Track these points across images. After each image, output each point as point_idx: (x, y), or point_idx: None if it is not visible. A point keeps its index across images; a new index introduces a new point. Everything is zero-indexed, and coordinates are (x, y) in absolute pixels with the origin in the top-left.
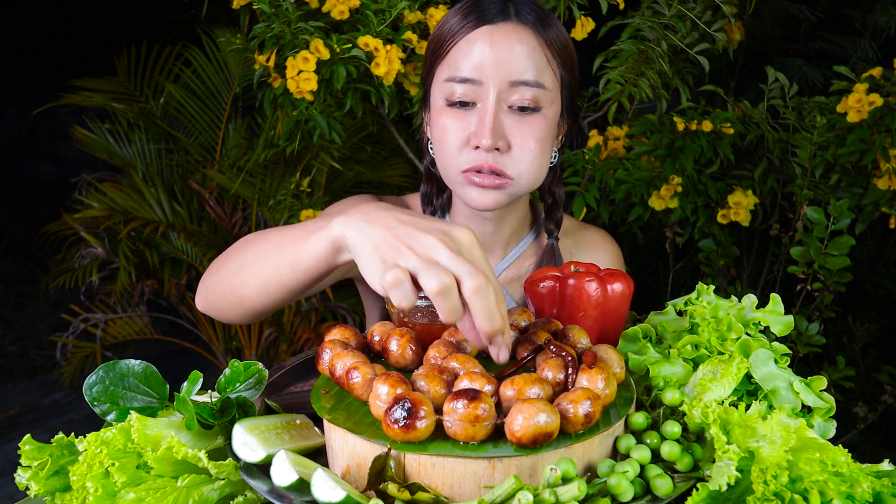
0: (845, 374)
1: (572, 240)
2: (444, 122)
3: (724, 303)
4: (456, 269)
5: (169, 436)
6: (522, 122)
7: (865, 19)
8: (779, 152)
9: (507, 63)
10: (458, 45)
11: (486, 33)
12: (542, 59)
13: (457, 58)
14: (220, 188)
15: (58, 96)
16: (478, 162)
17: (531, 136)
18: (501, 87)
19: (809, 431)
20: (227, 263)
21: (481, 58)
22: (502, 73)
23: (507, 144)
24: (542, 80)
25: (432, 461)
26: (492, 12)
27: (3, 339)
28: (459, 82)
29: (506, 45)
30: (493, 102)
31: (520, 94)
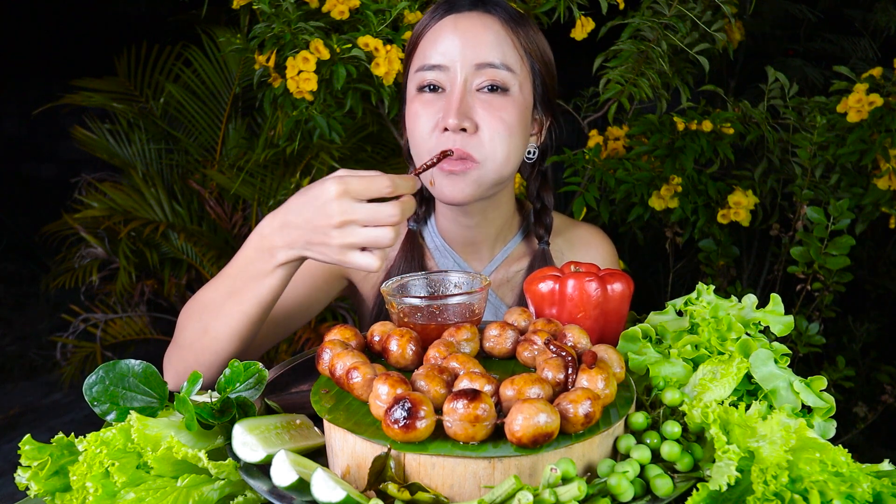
0: (845, 374)
1: (563, 238)
2: (416, 108)
3: (724, 303)
4: (361, 215)
5: (169, 436)
6: (490, 103)
7: (865, 19)
8: (779, 152)
9: (473, 46)
10: (427, 36)
11: (451, 21)
12: (508, 45)
13: (426, 48)
14: (220, 188)
15: (58, 96)
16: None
17: (498, 117)
18: (468, 69)
19: (809, 431)
20: (184, 334)
21: (447, 43)
22: (469, 56)
23: (474, 125)
24: (509, 63)
25: (432, 461)
26: (460, 4)
27: (3, 339)
28: (429, 69)
29: (471, 31)
30: (461, 84)
31: (487, 76)
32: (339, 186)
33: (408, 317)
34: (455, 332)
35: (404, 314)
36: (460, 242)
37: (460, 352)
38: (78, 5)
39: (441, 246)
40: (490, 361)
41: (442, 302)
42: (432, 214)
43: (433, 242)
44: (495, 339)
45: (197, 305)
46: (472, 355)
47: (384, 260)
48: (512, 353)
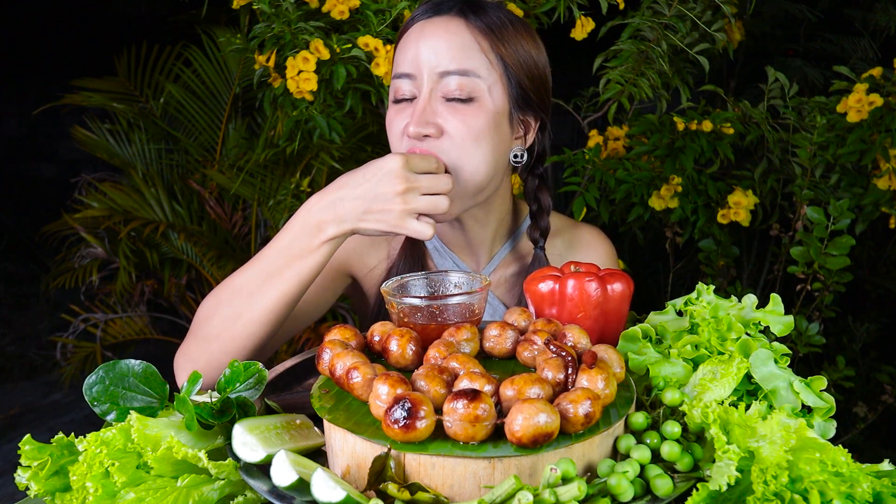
0: (845, 374)
1: (563, 240)
2: (390, 116)
3: (724, 303)
4: (423, 183)
5: (169, 436)
6: (456, 110)
7: (865, 19)
8: (779, 152)
9: (435, 54)
10: (400, 43)
11: (418, 29)
12: (475, 49)
13: (398, 55)
14: (220, 188)
15: (58, 96)
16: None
17: (463, 122)
18: (432, 77)
19: (809, 431)
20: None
21: (414, 52)
22: (432, 64)
23: (438, 130)
24: (471, 68)
25: (432, 461)
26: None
27: (3, 339)
28: (400, 78)
29: (433, 37)
30: (427, 93)
31: (453, 84)
32: (402, 159)
33: (408, 317)
34: (455, 332)
35: (404, 314)
36: (457, 245)
37: (460, 352)
38: (78, 5)
39: (440, 248)
40: (490, 361)
41: (442, 302)
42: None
43: (432, 244)
44: (495, 339)
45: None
46: (472, 355)
47: (435, 229)
48: (512, 353)
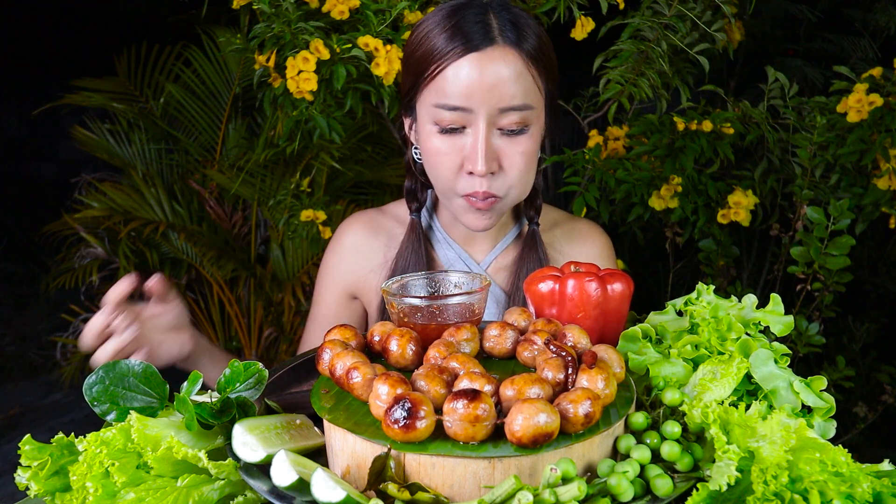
0: (845, 374)
1: (562, 230)
2: (436, 145)
3: (724, 303)
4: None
5: (169, 436)
6: (512, 142)
7: (865, 19)
8: (779, 152)
9: (497, 91)
10: (446, 73)
11: (474, 61)
12: (528, 81)
13: (444, 85)
14: (220, 188)
15: (58, 96)
16: (474, 188)
17: (520, 154)
18: (491, 112)
19: (809, 431)
20: None
21: (470, 87)
22: (493, 101)
23: (498, 166)
24: (530, 101)
25: (432, 461)
26: (477, 37)
27: (3, 339)
28: (450, 110)
29: (494, 73)
30: (485, 129)
31: (509, 119)
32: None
33: (408, 317)
34: (455, 332)
35: (404, 314)
36: (462, 236)
37: (460, 352)
38: (78, 5)
39: (443, 238)
40: (490, 361)
41: (442, 302)
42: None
43: (435, 235)
44: (495, 339)
45: None
46: (472, 355)
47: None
48: (512, 353)
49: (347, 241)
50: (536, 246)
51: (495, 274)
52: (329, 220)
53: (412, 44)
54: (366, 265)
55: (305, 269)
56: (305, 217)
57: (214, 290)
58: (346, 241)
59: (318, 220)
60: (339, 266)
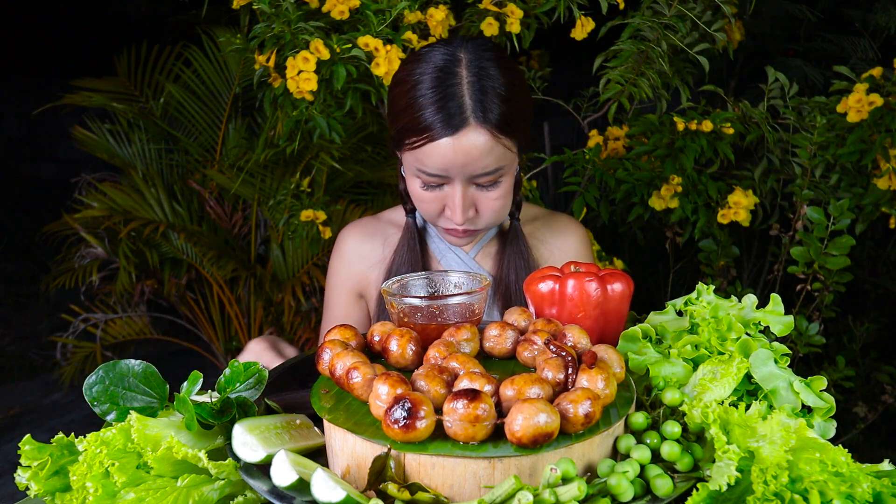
0: (845, 374)
1: (542, 222)
2: (420, 193)
3: (724, 303)
4: None
5: (169, 436)
6: (487, 193)
7: (865, 19)
8: (779, 152)
9: (470, 164)
10: (425, 149)
11: (448, 143)
12: (499, 150)
13: (423, 158)
14: (220, 188)
15: (58, 96)
16: (454, 226)
17: (496, 200)
18: (466, 178)
19: (809, 431)
20: None
21: (445, 163)
22: (466, 171)
23: (475, 211)
24: (501, 164)
25: (432, 461)
26: (454, 119)
27: (3, 339)
28: (429, 175)
29: (466, 153)
30: (461, 189)
31: (483, 179)
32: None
33: (408, 317)
34: (455, 332)
35: (404, 314)
36: None
37: (460, 352)
38: (78, 5)
39: (434, 233)
40: (490, 361)
41: (442, 302)
42: None
43: (427, 231)
44: (495, 339)
45: None
46: (472, 355)
47: None
48: (512, 353)
49: (348, 246)
50: (518, 239)
51: (482, 261)
52: (329, 220)
53: (397, 105)
54: (365, 263)
55: (305, 269)
56: (305, 217)
57: (214, 290)
58: (347, 245)
59: (318, 220)
60: (344, 270)
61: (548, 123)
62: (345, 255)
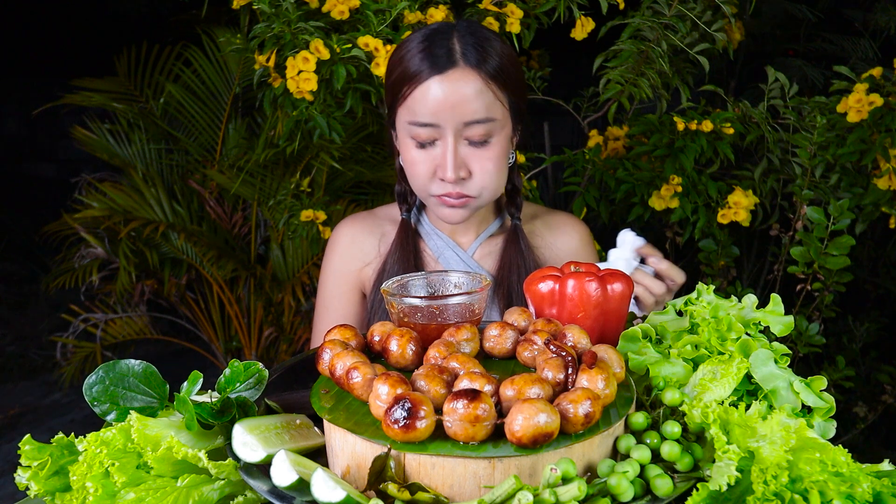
0: (845, 374)
1: (541, 221)
2: (412, 156)
3: (724, 303)
4: None
5: (169, 436)
6: (479, 151)
7: (865, 19)
8: (779, 152)
9: (460, 108)
10: (415, 94)
11: (437, 83)
12: (489, 96)
13: (414, 105)
14: (220, 188)
15: (58, 96)
16: (447, 190)
17: (488, 160)
18: (457, 127)
19: (809, 431)
20: None
21: (435, 105)
22: (456, 117)
23: (468, 172)
24: (492, 115)
25: (432, 461)
26: (441, 61)
27: (3, 339)
28: (420, 126)
29: (457, 92)
30: (452, 142)
31: (474, 131)
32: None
33: (408, 317)
34: (455, 332)
35: (404, 314)
36: (448, 226)
37: (460, 352)
38: (78, 5)
39: (431, 230)
40: (490, 361)
41: (442, 302)
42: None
43: (424, 228)
44: (495, 339)
45: None
46: (472, 355)
47: None
48: (512, 353)
49: (343, 239)
50: (518, 239)
51: (481, 259)
52: (329, 220)
53: (390, 67)
54: (362, 259)
55: (305, 269)
56: (305, 217)
57: (214, 290)
58: (342, 239)
59: (318, 220)
60: (341, 266)
61: (548, 123)
62: (340, 250)
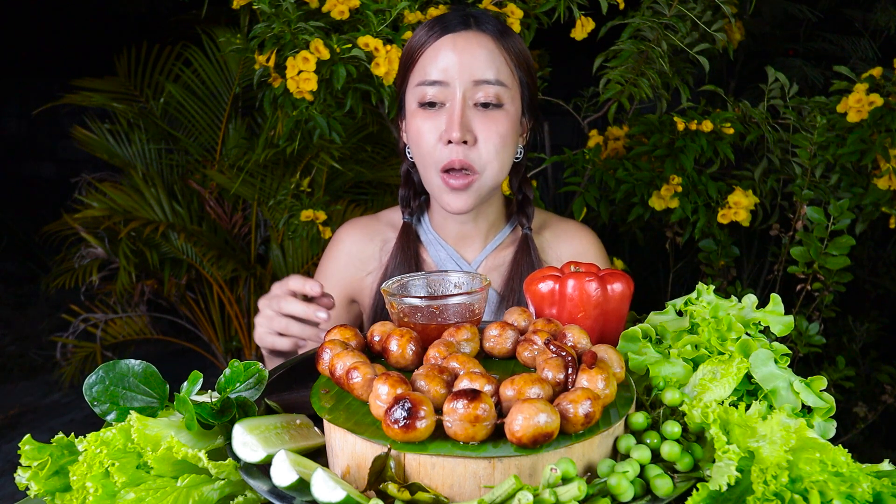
0: (845, 374)
1: (551, 232)
2: (418, 123)
3: (724, 303)
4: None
5: (169, 436)
6: (487, 117)
7: (865, 19)
8: (779, 152)
9: (470, 64)
10: (426, 54)
11: (449, 40)
12: (501, 61)
13: (425, 64)
14: (220, 188)
15: (58, 96)
16: (451, 157)
17: (495, 130)
18: (466, 86)
19: (809, 431)
20: None
21: (446, 61)
22: (466, 74)
23: (473, 138)
24: (503, 79)
25: (432, 461)
26: (454, 23)
27: (3, 339)
28: (429, 85)
29: (468, 49)
30: (460, 100)
31: (483, 92)
32: (283, 282)
33: (408, 317)
34: (455, 332)
35: (404, 314)
36: (454, 236)
37: (460, 352)
38: (78, 5)
39: (434, 239)
40: (490, 361)
41: (442, 302)
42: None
43: (426, 236)
44: (495, 339)
45: None
46: (472, 355)
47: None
48: (512, 353)
49: (344, 247)
50: (530, 250)
51: (487, 273)
52: (329, 220)
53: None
54: (362, 268)
55: (305, 269)
56: (305, 217)
57: (214, 290)
58: (343, 247)
59: (318, 220)
60: (336, 271)
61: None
62: (341, 255)
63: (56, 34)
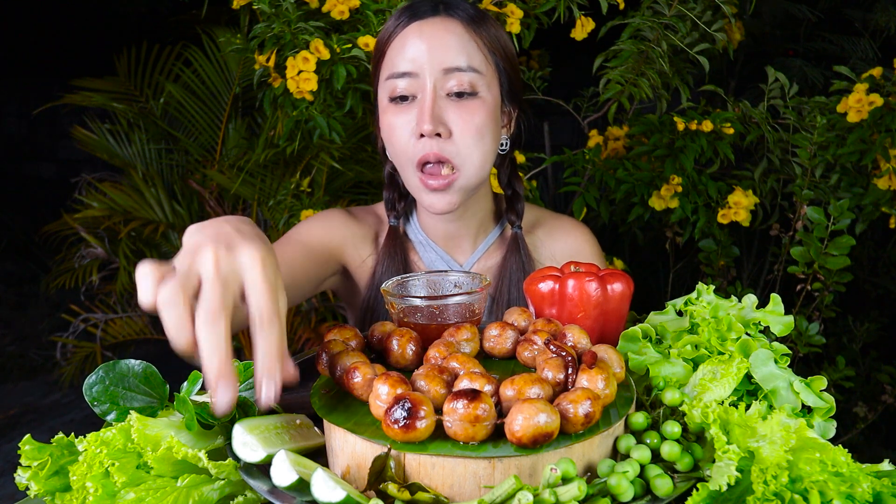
0: (845, 374)
1: (543, 230)
2: (390, 119)
3: (724, 303)
4: (206, 290)
5: (169, 436)
6: (461, 107)
7: (865, 19)
8: (779, 152)
9: (439, 51)
10: (394, 44)
11: (416, 28)
12: (473, 47)
13: (393, 56)
14: (220, 188)
15: (58, 96)
16: (425, 151)
17: (470, 120)
18: (437, 75)
19: (809, 431)
20: None
21: (414, 51)
22: (436, 62)
23: (448, 130)
24: (475, 66)
25: (432, 461)
26: (422, 10)
27: (3, 339)
28: (398, 77)
29: (436, 36)
30: (431, 90)
31: (456, 80)
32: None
33: (408, 317)
34: (455, 332)
35: (404, 314)
36: (443, 237)
37: (460, 352)
38: (78, 5)
39: (424, 241)
40: (490, 361)
41: (442, 302)
42: (413, 211)
43: (416, 237)
44: (495, 339)
45: None
46: (472, 355)
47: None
48: (512, 353)
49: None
50: (519, 250)
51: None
52: None
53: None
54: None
55: None
56: (305, 217)
57: None
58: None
59: None
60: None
61: (548, 123)
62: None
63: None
